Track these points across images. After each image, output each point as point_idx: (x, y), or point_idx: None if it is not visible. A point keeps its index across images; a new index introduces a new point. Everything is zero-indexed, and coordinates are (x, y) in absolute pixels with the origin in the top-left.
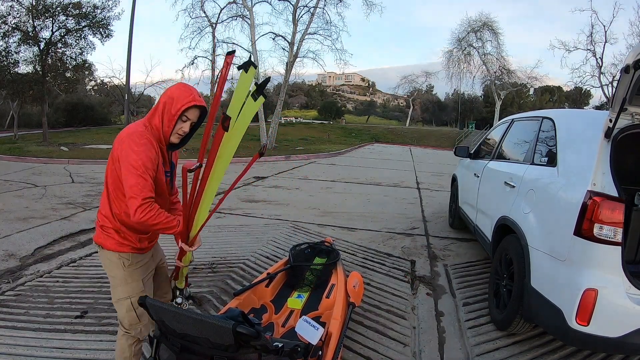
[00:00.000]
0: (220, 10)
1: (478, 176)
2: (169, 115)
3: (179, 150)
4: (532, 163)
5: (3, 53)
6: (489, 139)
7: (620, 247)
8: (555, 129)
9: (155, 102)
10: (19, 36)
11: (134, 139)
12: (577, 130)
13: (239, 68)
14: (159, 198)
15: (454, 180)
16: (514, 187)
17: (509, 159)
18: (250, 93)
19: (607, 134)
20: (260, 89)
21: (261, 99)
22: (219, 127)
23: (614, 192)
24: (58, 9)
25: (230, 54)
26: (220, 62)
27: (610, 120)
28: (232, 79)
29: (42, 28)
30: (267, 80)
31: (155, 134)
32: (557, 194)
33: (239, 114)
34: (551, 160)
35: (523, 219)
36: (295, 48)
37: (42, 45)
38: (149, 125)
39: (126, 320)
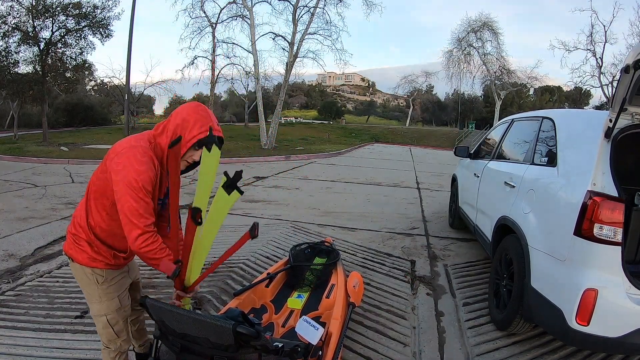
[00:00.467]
0: (220, 10)
1: (478, 176)
2: (183, 141)
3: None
4: (532, 163)
5: (3, 53)
6: (489, 139)
7: (620, 247)
8: (555, 129)
9: (166, 117)
10: (19, 36)
11: (136, 155)
12: (577, 130)
13: (199, 145)
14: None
15: (454, 180)
16: (514, 187)
17: (509, 159)
18: (223, 184)
19: (607, 134)
20: (233, 182)
21: (235, 195)
22: (188, 219)
23: (614, 192)
24: (58, 9)
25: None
26: (220, 62)
27: (610, 120)
28: (232, 78)
29: (42, 28)
30: (240, 174)
31: (159, 155)
32: (557, 194)
33: (210, 206)
34: (551, 160)
35: (523, 219)
36: (295, 48)
37: (42, 45)
38: (154, 143)
39: (104, 337)
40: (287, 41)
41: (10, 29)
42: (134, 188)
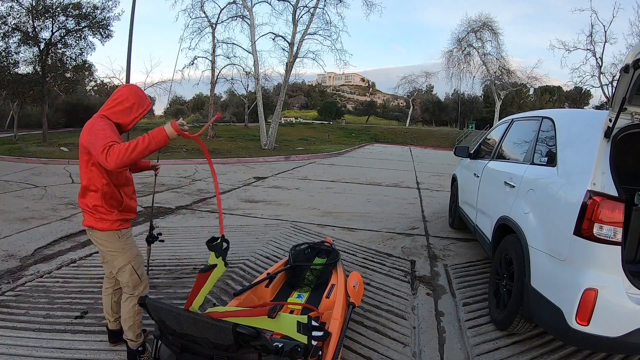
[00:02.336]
0: (220, 11)
1: (478, 176)
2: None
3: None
4: (532, 163)
5: (3, 54)
6: (488, 139)
7: (620, 246)
8: (555, 129)
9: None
10: (19, 37)
11: (99, 122)
12: (577, 130)
13: (211, 248)
14: (124, 187)
15: (454, 180)
16: (513, 187)
17: (508, 159)
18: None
19: (607, 133)
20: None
21: (221, 267)
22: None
23: (613, 192)
24: (58, 9)
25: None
26: (220, 62)
27: (610, 120)
28: (231, 79)
29: (42, 28)
30: (227, 248)
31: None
32: (557, 194)
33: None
34: (551, 160)
35: (523, 219)
36: (295, 48)
37: (42, 45)
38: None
39: (131, 284)
40: (287, 41)
41: (10, 29)
42: (99, 134)
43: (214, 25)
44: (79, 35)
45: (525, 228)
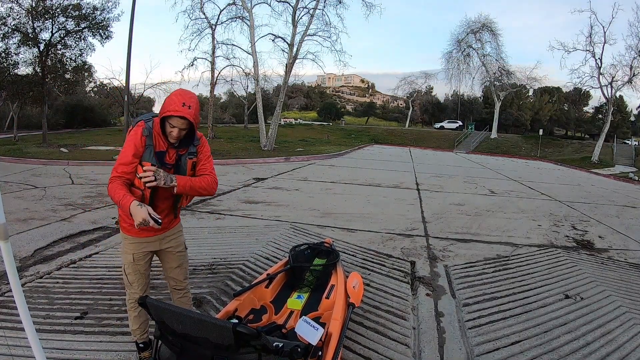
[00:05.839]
0: (220, 12)
1: None
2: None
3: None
4: None
5: (3, 54)
6: None
7: None
8: None
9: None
10: (19, 38)
11: (129, 131)
12: None
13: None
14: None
15: None
16: None
17: None
18: None
19: None
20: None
21: None
22: None
23: None
24: (58, 10)
25: None
26: (219, 63)
27: None
28: (231, 80)
29: (41, 29)
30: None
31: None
32: None
33: None
34: None
35: None
36: (294, 49)
37: (41, 46)
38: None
39: (124, 281)
40: (287, 42)
41: (10, 30)
42: (120, 153)
43: (213, 27)
44: (78, 36)
45: None
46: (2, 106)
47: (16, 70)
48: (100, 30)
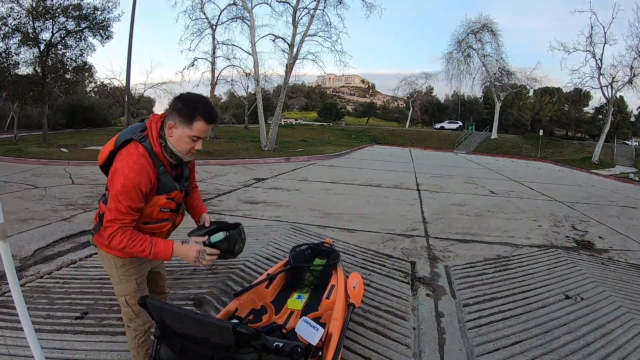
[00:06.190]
0: (220, 12)
1: None
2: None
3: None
4: None
5: (3, 55)
6: None
7: None
8: None
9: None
10: (19, 38)
11: (129, 161)
12: None
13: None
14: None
15: None
16: None
17: None
18: None
19: None
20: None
21: None
22: None
23: None
24: (58, 10)
25: None
26: (220, 63)
27: None
28: (232, 80)
29: (42, 30)
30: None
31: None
32: None
33: None
34: None
35: None
36: (295, 50)
37: (42, 46)
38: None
39: (125, 316)
40: (287, 43)
41: (11, 30)
42: (119, 191)
43: (214, 27)
44: (79, 36)
45: None
46: (2, 106)
47: (17, 71)
48: (101, 31)
